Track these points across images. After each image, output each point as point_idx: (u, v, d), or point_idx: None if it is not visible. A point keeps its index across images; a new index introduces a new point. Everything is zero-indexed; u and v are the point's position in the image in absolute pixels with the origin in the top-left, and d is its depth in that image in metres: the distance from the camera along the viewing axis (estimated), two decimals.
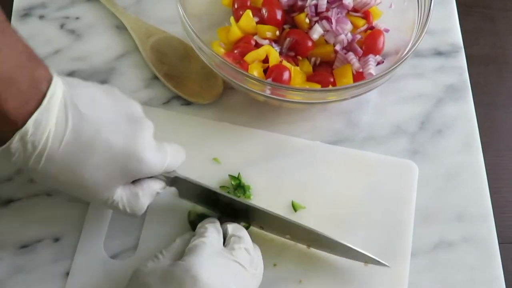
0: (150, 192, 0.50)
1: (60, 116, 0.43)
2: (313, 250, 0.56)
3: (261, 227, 0.55)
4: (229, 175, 0.59)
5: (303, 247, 0.56)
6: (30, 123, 0.41)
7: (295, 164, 0.60)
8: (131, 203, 0.49)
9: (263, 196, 0.59)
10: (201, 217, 0.55)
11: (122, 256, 0.56)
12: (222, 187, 0.59)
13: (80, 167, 0.45)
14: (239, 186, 0.59)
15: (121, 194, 0.48)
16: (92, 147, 0.44)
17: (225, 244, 0.51)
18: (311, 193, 0.59)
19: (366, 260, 0.54)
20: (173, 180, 0.52)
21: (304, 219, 0.57)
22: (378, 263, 0.54)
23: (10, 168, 0.58)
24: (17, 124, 0.42)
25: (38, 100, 0.42)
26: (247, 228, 0.55)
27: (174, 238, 0.52)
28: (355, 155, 0.61)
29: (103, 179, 0.46)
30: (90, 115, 0.44)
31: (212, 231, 0.50)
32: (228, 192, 0.58)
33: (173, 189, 0.54)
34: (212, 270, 0.46)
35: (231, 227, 0.52)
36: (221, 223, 0.53)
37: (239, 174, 0.59)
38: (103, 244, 0.56)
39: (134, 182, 0.49)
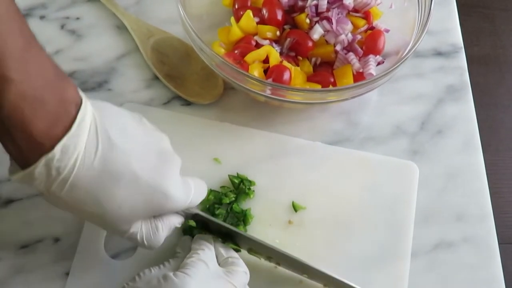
0: (169, 226, 0.49)
1: (89, 143, 0.41)
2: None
3: (278, 264, 0.55)
4: (229, 175, 0.59)
5: (320, 286, 0.55)
6: (57, 149, 0.39)
7: (296, 164, 0.60)
8: (150, 237, 0.48)
9: (264, 196, 0.59)
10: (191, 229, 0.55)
11: (122, 256, 0.56)
12: (222, 187, 0.59)
13: (104, 197, 0.43)
14: (242, 183, 0.59)
15: (140, 227, 0.47)
16: (119, 178, 0.43)
17: (220, 265, 0.51)
18: (311, 193, 0.59)
19: None
20: (193, 216, 0.52)
21: (304, 219, 0.57)
22: None
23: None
24: (43, 147, 0.40)
25: (66, 123, 0.40)
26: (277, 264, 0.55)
27: (173, 239, 0.53)
28: (356, 156, 0.61)
29: (126, 211, 0.44)
30: (120, 145, 0.42)
31: (208, 248, 0.50)
32: (230, 191, 0.58)
33: None
34: None
35: (224, 250, 0.52)
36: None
37: (237, 174, 0.59)
38: (103, 244, 0.56)
39: (155, 215, 0.48)
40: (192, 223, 0.53)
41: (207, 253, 0.50)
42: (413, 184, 0.60)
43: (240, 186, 0.59)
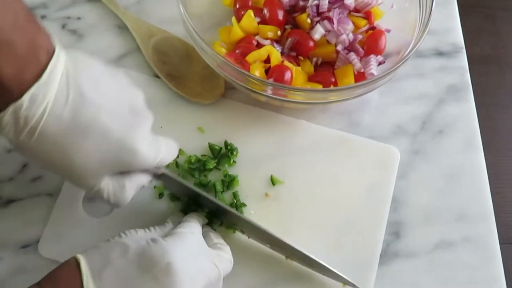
0: (136, 184, 0.49)
1: (60, 93, 0.41)
2: (291, 262, 0.56)
3: (242, 232, 0.56)
4: (209, 143, 0.60)
5: (281, 257, 0.56)
6: (26, 98, 0.39)
7: (279, 140, 0.61)
8: (117, 194, 0.47)
9: (244, 168, 0.60)
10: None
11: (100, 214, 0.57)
12: (203, 155, 0.60)
13: (72, 149, 0.42)
14: (222, 153, 0.60)
15: (107, 183, 0.46)
16: (88, 131, 0.42)
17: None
18: (291, 169, 0.60)
19: (345, 281, 0.54)
20: (160, 176, 0.51)
21: (281, 193, 0.58)
22: (354, 286, 0.54)
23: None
24: (11, 93, 0.39)
25: (36, 70, 0.39)
26: (233, 232, 0.56)
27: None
28: (339, 136, 0.62)
29: (94, 165, 0.44)
30: (92, 97, 0.42)
31: (198, 225, 0.51)
32: (211, 159, 0.59)
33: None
34: (188, 264, 0.45)
35: (214, 235, 0.52)
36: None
37: (225, 140, 0.60)
38: (82, 200, 0.57)
39: (122, 172, 0.47)
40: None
41: (196, 228, 0.50)
42: (393, 168, 0.60)
43: (222, 151, 0.60)
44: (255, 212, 0.58)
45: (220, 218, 0.56)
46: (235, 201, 0.58)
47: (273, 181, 0.59)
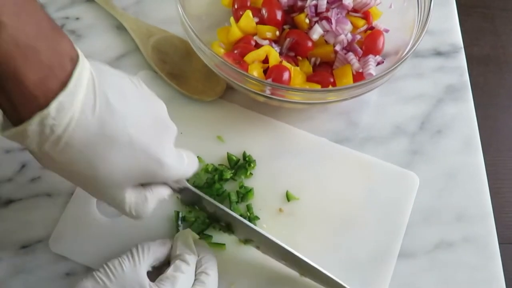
0: (158, 197, 0.48)
1: (87, 102, 0.40)
2: (305, 279, 0.55)
3: (258, 248, 0.55)
4: (228, 153, 0.60)
5: (296, 274, 0.55)
6: (53, 106, 0.38)
7: (297, 156, 0.61)
8: (139, 206, 0.46)
9: (260, 180, 0.59)
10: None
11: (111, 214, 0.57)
12: (220, 165, 0.60)
13: (98, 160, 0.41)
14: (239, 164, 0.60)
15: (130, 195, 0.46)
16: (115, 142, 0.41)
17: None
18: (307, 186, 0.59)
19: None
20: (181, 190, 0.51)
21: (295, 210, 0.58)
22: None
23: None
24: (37, 101, 0.38)
25: (61, 78, 0.39)
26: (244, 243, 0.56)
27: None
28: (358, 157, 0.61)
29: (119, 176, 0.43)
30: (118, 107, 0.41)
31: (189, 265, 0.50)
32: (228, 169, 0.59)
33: None
34: None
35: (205, 260, 0.52)
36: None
37: (244, 152, 0.60)
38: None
39: (144, 185, 0.47)
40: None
41: (187, 271, 0.50)
42: (411, 194, 0.60)
43: (240, 162, 0.60)
44: (267, 226, 0.57)
45: (237, 232, 0.55)
46: (249, 213, 0.58)
47: (288, 197, 0.59)
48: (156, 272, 0.51)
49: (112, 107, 0.41)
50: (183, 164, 0.48)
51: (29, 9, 0.37)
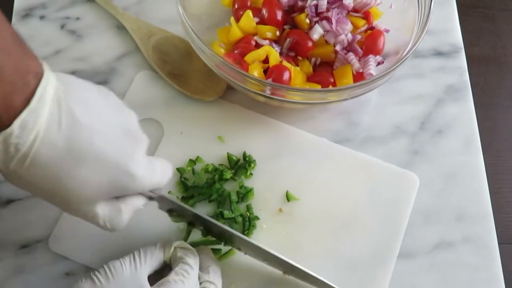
0: (132, 207, 0.47)
1: (52, 118, 0.39)
2: (289, 277, 0.55)
3: (239, 249, 0.55)
4: (228, 153, 0.60)
5: (279, 272, 0.55)
6: (16, 124, 0.37)
7: (298, 156, 0.61)
8: (113, 219, 0.46)
9: (260, 180, 0.59)
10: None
11: None
12: (220, 165, 0.60)
13: (66, 176, 0.40)
14: (239, 164, 0.60)
15: (103, 209, 0.45)
16: (82, 157, 0.40)
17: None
18: (307, 186, 0.59)
19: None
20: (157, 198, 0.50)
21: (295, 210, 0.58)
22: None
23: None
24: (0, 119, 0.37)
25: (25, 95, 0.38)
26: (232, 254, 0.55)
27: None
28: (359, 158, 0.61)
29: (89, 191, 0.42)
30: (85, 121, 0.40)
31: (193, 269, 0.50)
32: (228, 169, 0.59)
33: None
34: None
35: (211, 270, 0.51)
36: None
37: (244, 152, 0.60)
38: None
39: (118, 196, 0.46)
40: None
41: (190, 276, 0.49)
42: (411, 195, 0.60)
43: (240, 162, 0.60)
44: (267, 226, 0.57)
45: (218, 236, 0.55)
46: (248, 213, 0.58)
47: (288, 197, 0.59)
48: (153, 277, 0.50)
49: (78, 122, 0.40)
50: (156, 174, 0.46)
51: None
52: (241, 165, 0.60)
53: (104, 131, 0.42)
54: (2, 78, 0.37)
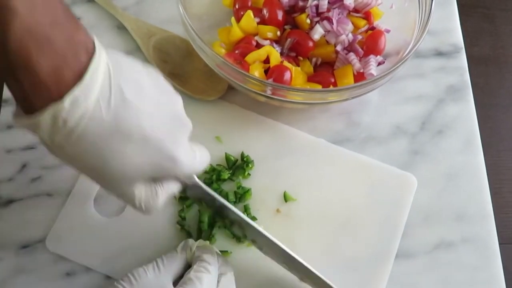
0: (168, 192, 0.47)
1: (101, 96, 0.39)
2: (305, 285, 0.55)
3: (261, 249, 0.55)
4: (226, 153, 0.60)
5: (295, 278, 0.55)
6: (67, 99, 0.37)
7: (295, 157, 0.61)
8: (149, 201, 0.46)
9: (258, 181, 0.59)
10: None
11: (110, 214, 0.58)
12: (218, 165, 0.60)
13: (110, 154, 0.40)
14: (237, 164, 0.60)
15: (140, 190, 0.45)
16: (129, 137, 0.40)
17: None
18: (305, 187, 0.59)
19: None
20: (191, 185, 0.50)
21: (292, 211, 0.58)
22: None
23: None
24: (49, 92, 0.37)
25: (75, 69, 0.38)
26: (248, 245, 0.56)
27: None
28: (357, 159, 0.61)
29: (131, 171, 0.42)
30: (134, 102, 0.40)
31: (213, 267, 0.50)
32: (226, 169, 0.59)
33: None
34: None
35: (225, 276, 0.51)
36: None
37: (242, 152, 0.60)
38: (93, 199, 0.58)
39: (155, 179, 0.46)
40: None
41: (213, 272, 0.50)
42: (409, 196, 0.59)
43: (238, 163, 0.60)
44: (264, 227, 0.56)
45: (240, 231, 0.55)
46: (246, 214, 0.58)
47: (285, 198, 0.59)
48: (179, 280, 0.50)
49: (127, 102, 0.40)
50: (195, 161, 0.47)
51: None
52: (239, 166, 0.60)
53: (152, 113, 0.42)
54: (53, 50, 0.37)
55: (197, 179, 0.50)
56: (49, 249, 0.56)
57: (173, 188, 0.48)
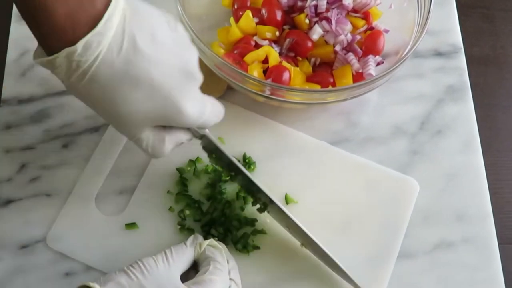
0: (176, 140, 0.49)
1: (114, 42, 0.41)
2: (305, 250, 0.56)
3: (268, 212, 0.56)
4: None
5: (297, 243, 0.56)
6: (80, 44, 0.39)
7: (297, 159, 0.61)
8: (155, 146, 0.48)
9: (260, 182, 0.58)
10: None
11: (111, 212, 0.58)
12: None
13: (120, 97, 0.43)
14: (244, 160, 0.60)
15: (148, 134, 0.47)
16: (137, 83, 0.43)
17: None
18: (306, 189, 0.59)
19: (354, 285, 0.54)
20: (201, 137, 0.52)
21: (294, 213, 0.57)
22: None
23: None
24: (66, 35, 0.40)
25: (91, 14, 0.40)
26: (262, 210, 0.56)
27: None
28: (358, 162, 0.61)
29: (138, 116, 0.45)
30: (146, 51, 0.42)
31: (225, 266, 0.51)
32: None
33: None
34: None
35: (231, 266, 0.52)
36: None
37: (244, 153, 0.60)
38: (95, 196, 0.58)
39: (164, 126, 0.48)
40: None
41: (225, 271, 0.50)
42: (411, 200, 0.59)
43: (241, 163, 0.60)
44: (265, 228, 0.57)
45: (246, 187, 0.56)
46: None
47: (287, 200, 0.59)
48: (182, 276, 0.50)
49: (138, 49, 0.42)
50: (205, 113, 0.49)
51: None
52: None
53: (162, 63, 0.44)
54: None
55: (206, 131, 0.52)
56: (50, 246, 0.56)
57: (182, 137, 0.50)
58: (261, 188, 0.54)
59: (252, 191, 0.56)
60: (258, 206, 0.56)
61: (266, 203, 0.55)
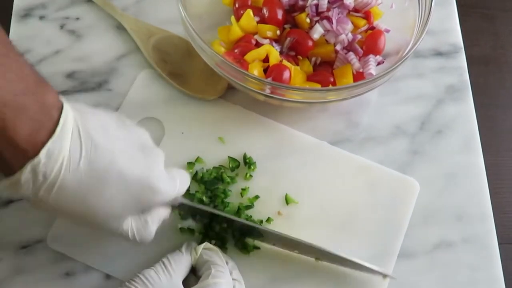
0: (158, 219, 0.49)
1: (73, 145, 0.41)
2: (322, 263, 0.56)
3: (274, 244, 0.56)
4: (229, 157, 0.60)
5: (311, 259, 0.56)
6: (43, 153, 0.40)
7: (298, 159, 0.61)
8: (141, 232, 0.48)
9: (260, 183, 0.59)
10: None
11: None
12: (221, 165, 0.60)
13: (93, 197, 0.43)
14: (244, 161, 0.60)
15: (130, 224, 0.47)
16: (106, 178, 0.43)
17: None
18: (306, 190, 0.59)
19: (375, 273, 0.54)
20: (179, 205, 0.52)
21: (293, 213, 0.58)
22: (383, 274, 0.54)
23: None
24: (27, 153, 0.40)
25: (49, 128, 0.40)
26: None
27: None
28: (360, 162, 0.61)
29: (115, 209, 0.45)
30: (103, 144, 0.43)
31: (227, 273, 0.51)
32: (228, 170, 0.59)
33: None
34: None
35: (231, 267, 0.52)
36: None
37: (245, 154, 0.60)
38: None
39: (143, 210, 0.48)
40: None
41: (227, 274, 0.50)
42: (411, 200, 0.59)
43: (241, 165, 0.60)
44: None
45: (243, 233, 0.55)
46: (245, 217, 0.58)
47: (287, 200, 0.59)
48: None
49: (97, 145, 0.42)
50: (176, 185, 0.49)
51: (14, 67, 0.39)
52: (241, 168, 0.60)
53: (123, 150, 0.44)
54: (29, 117, 0.39)
55: (183, 199, 0.52)
56: (50, 246, 0.56)
57: (163, 213, 0.50)
58: (263, 229, 0.54)
59: (253, 235, 0.55)
60: (266, 244, 0.56)
61: (274, 241, 0.55)
